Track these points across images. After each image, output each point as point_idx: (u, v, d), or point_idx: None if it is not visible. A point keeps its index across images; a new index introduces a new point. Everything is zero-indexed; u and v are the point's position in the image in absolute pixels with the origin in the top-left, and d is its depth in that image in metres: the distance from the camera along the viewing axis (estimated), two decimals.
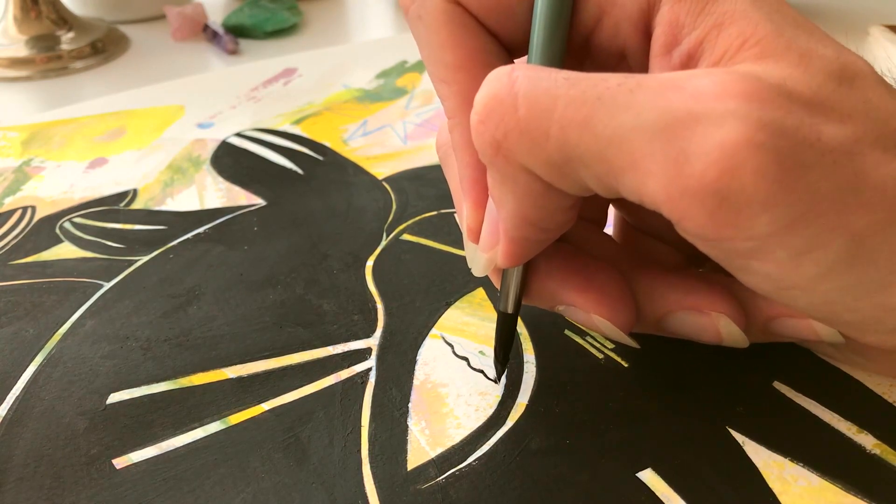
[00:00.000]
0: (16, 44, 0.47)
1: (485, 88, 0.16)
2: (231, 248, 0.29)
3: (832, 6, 0.51)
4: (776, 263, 0.16)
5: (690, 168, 0.14)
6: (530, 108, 0.16)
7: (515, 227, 0.18)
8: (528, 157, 0.16)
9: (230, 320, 0.26)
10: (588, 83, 0.15)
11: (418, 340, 0.25)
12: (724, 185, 0.14)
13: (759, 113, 0.14)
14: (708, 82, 0.15)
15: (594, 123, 0.15)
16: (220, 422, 0.22)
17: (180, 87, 0.43)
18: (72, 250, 0.30)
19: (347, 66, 0.45)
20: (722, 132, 0.14)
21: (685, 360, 0.23)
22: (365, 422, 0.22)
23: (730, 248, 0.16)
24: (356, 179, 0.34)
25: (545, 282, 0.21)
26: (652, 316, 0.21)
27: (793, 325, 0.20)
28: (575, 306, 0.21)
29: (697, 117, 0.14)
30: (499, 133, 0.16)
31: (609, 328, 0.20)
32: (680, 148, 0.14)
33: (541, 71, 0.16)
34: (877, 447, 0.20)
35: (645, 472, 0.20)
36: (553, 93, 0.15)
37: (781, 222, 0.15)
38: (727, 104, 0.14)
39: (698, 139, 0.14)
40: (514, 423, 0.22)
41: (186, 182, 0.34)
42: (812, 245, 0.15)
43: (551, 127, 0.15)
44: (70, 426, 0.22)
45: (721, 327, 0.20)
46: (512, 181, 0.17)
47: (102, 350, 0.25)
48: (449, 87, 0.19)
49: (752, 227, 0.15)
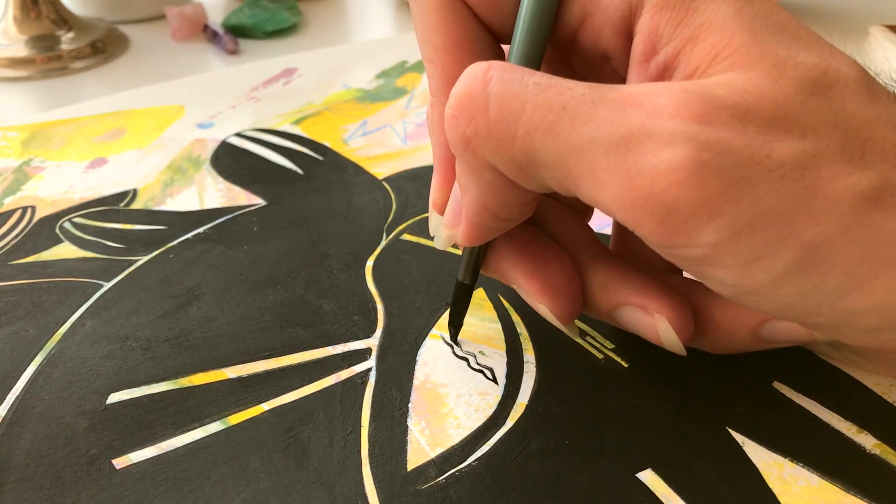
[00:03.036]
0: (16, 44, 0.47)
1: (460, 84, 0.17)
2: (231, 248, 0.29)
3: (832, 6, 0.51)
4: (727, 270, 0.16)
5: (641, 180, 0.15)
6: (500, 110, 0.17)
7: (476, 214, 0.19)
8: (494, 155, 0.17)
9: (230, 320, 0.26)
10: (555, 91, 0.16)
11: (418, 340, 0.25)
12: (671, 197, 0.15)
13: (707, 134, 0.15)
14: (664, 101, 0.16)
15: (557, 131, 0.16)
16: (220, 422, 0.22)
17: (180, 87, 0.43)
18: (72, 250, 0.30)
19: (347, 66, 0.45)
20: (670, 150, 0.15)
21: (685, 361, 0.23)
22: (365, 422, 0.22)
23: (683, 255, 0.16)
24: (356, 179, 0.34)
25: (500, 260, 0.22)
26: (602, 306, 0.22)
27: (787, 327, 0.20)
28: (522, 289, 0.22)
29: (650, 134, 0.15)
30: (469, 130, 0.17)
31: (549, 316, 0.21)
32: (632, 161, 0.15)
33: (515, 73, 0.17)
34: (877, 447, 0.20)
35: (645, 473, 0.20)
36: (522, 97, 0.16)
37: (726, 232, 0.15)
38: (678, 124, 0.15)
39: (649, 154, 0.15)
40: (514, 424, 0.22)
41: (186, 182, 0.34)
42: (760, 254, 0.16)
43: (518, 130, 0.16)
44: (70, 426, 0.22)
45: (660, 329, 0.21)
46: (477, 174, 0.18)
47: (102, 350, 0.25)
48: (434, 68, 0.20)
49: (699, 235, 0.16)
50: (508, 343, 0.24)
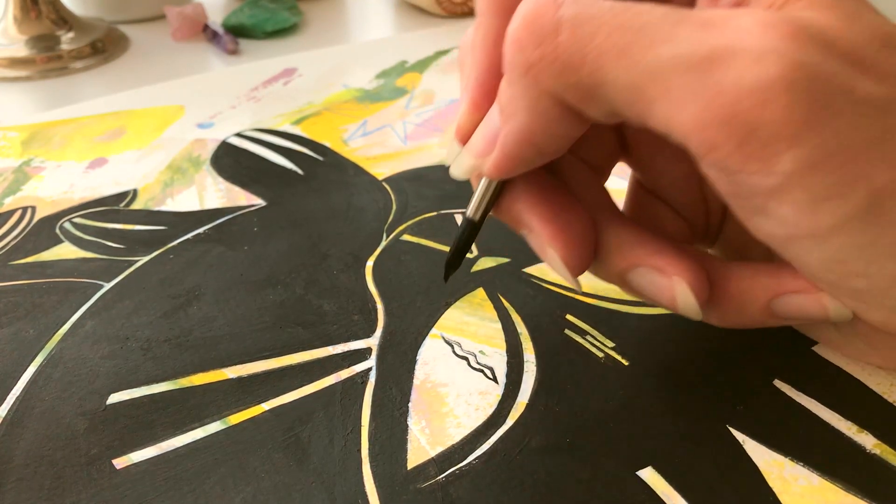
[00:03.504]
0: (16, 44, 0.47)
1: (530, 4, 0.16)
2: (231, 249, 0.29)
3: None
4: (794, 206, 0.16)
5: (723, 98, 0.15)
6: (572, 34, 0.16)
7: (515, 144, 0.18)
8: (557, 81, 0.16)
9: (230, 320, 0.26)
10: (632, 13, 0.16)
11: (418, 340, 0.25)
12: (755, 117, 0.15)
13: (797, 53, 0.15)
14: (750, 21, 0.15)
15: (633, 52, 0.15)
16: (221, 422, 0.22)
17: (180, 87, 0.43)
18: (72, 251, 0.30)
19: (347, 66, 0.45)
20: (759, 67, 0.15)
21: (685, 359, 0.23)
22: (365, 421, 0.22)
23: (751, 184, 0.16)
24: (356, 180, 0.34)
25: (516, 202, 0.21)
26: (617, 266, 0.21)
27: (800, 302, 0.20)
28: (534, 233, 0.21)
29: (736, 52, 0.15)
30: (535, 55, 0.16)
31: (558, 264, 0.20)
32: (716, 80, 0.15)
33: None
34: (877, 447, 0.20)
35: (645, 471, 0.20)
36: (597, 21, 0.16)
37: (804, 161, 0.15)
38: (767, 42, 0.15)
39: (735, 72, 0.15)
40: (514, 422, 0.22)
41: (186, 182, 0.34)
42: (831, 192, 0.15)
43: (589, 53, 0.16)
44: (70, 426, 0.22)
45: (677, 292, 0.20)
46: (532, 101, 0.17)
47: (102, 350, 0.25)
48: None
49: (777, 161, 0.15)
50: (508, 342, 0.24)
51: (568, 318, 0.25)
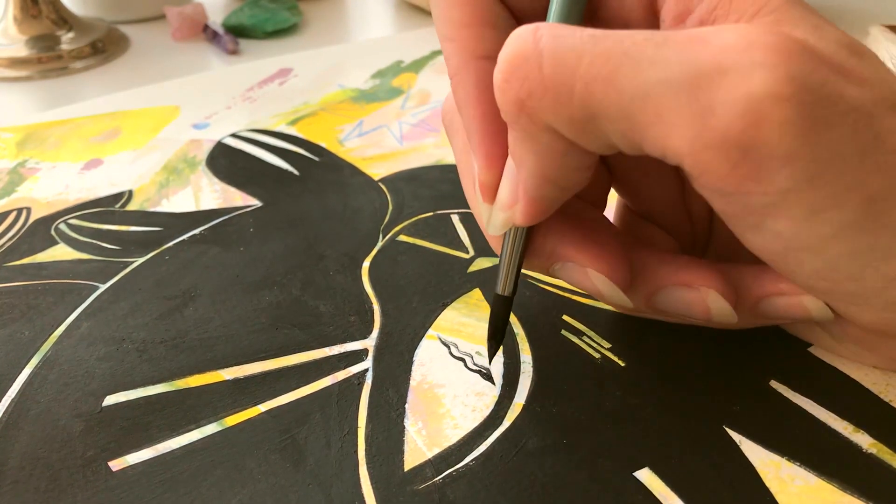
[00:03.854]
0: (16, 44, 0.47)
1: (509, 46, 0.16)
2: (227, 250, 0.29)
3: (832, 6, 0.51)
4: (791, 220, 0.16)
5: (716, 120, 0.14)
6: (555, 66, 0.16)
7: (536, 187, 0.18)
8: (551, 115, 0.16)
9: (226, 322, 0.26)
10: (614, 40, 0.15)
11: (415, 341, 0.25)
12: (749, 138, 0.14)
13: (786, 66, 0.14)
14: (734, 36, 0.15)
15: (619, 78, 0.15)
16: (217, 423, 0.22)
17: (176, 88, 0.43)
18: (67, 252, 0.30)
19: (343, 65, 0.45)
20: (749, 84, 0.14)
21: (682, 360, 0.23)
22: (362, 423, 0.22)
23: (747, 203, 0.16)
24: (352, 180, 0.34)
25: (546, 237, 0.21)
26: (644, 291, 0.21)
27: (783, 304, 0.20)
28: (573, 262, 0.21)
29: (725, 70, 0.14)
30: (523, 92, 0.16)
31: (606, 284, 0.20)
32: (706, 100, 0.14)
33: (564, 28, 0.16)
34: (873, 446, 0.20)
35: (642, 472, 0.20)
36: (578, 49, 0.16)
37: (801, 177, 0.15)
38: (754, 56, 0.14)
39: (725, 91, 0.14)
40: (510, 424, 0.22)
41: (182, 183, 0.34)
42: (828, 204, 0.15)
43: (576, 84, 0.15)
44: (66, 428, 0.22)
45: (710, 302, 0.20)
46: (535, 140, 0.17)
47: (98, 352, 0.25)
48: (453, 45, 0.19)
49: (773, 181, 0.15)
50: (505, 343, 0.24)
51: (564, 318, 0.25)
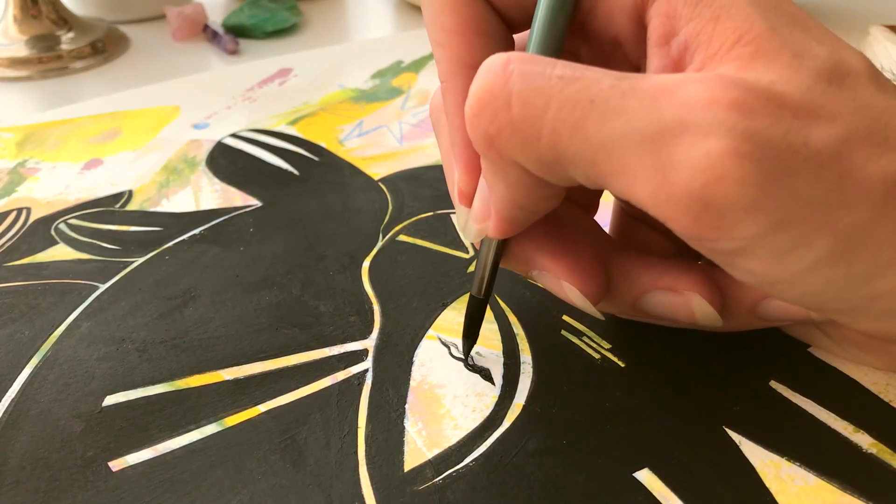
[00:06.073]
0: (16, 44, 0.47)
1: (480, 80, 0.17)
2: (227, 250, 0.29)
3: (832, 6, 0.51)
4: (760, 261, 0.16)
5: (676, 175, 0.15)
6: (523, 108, 0.16)
7: (506, 209, 0.19)
8: (519, 154, 0.17)
9: (226, 322, 0.26)
10: (581, 84, 0.16)
11: (415, 342, 0.25)
12: (709, 193, 0.15)
13: (745, 124, 0.15)
14: (699, 90, 0.15)
15: (586, 128, 0.15)
16: (217, 424, 0.22)
17: (176, 88, 0.43)
18: (67, 252, 0.30)
19: (343, 66, 0.45)
20: (708, 142, 0.15)
21: (682, 360, 0.23)
22: (361, 423, 0.22)
23: (715, 248, 0.16)
24: (352, 180, 0.34)
25: (523, 245, 0.21)
26: (628, 296, 0.21)
27: (782, 307, 0.21)
28: (547, 272, 0.21)
29: (686, 126, 0.15)
30: (492, 129, 0.16)
31: (577, 297, 0.21)
32: (667, 156, 0.15)
33: (536, 65, 0.16)
34: (873, 446, 0.20)
35: (642, 472, 0.20)
36: (547, 93, 0.16)
37: (764, 225, 0.15)
38: (715, 114, 0.15)
39: (685, 148, 0.15)
40: (510, 424, 0.22)
41: (182, 183, 0.34)
42: (796, 244, 0.15)
43: (543, 128, 0.16)
44: (66, 429, 0.22)
45: (694, 306, 0.20)
46: (503, 172, 0.18)
47: (98, 352, 0.25)
48: (443, 51, 0.20)
49: (736, 230, 0.15)
50: (505, 344, 0.24)
51: (564, 319, 0.25)
